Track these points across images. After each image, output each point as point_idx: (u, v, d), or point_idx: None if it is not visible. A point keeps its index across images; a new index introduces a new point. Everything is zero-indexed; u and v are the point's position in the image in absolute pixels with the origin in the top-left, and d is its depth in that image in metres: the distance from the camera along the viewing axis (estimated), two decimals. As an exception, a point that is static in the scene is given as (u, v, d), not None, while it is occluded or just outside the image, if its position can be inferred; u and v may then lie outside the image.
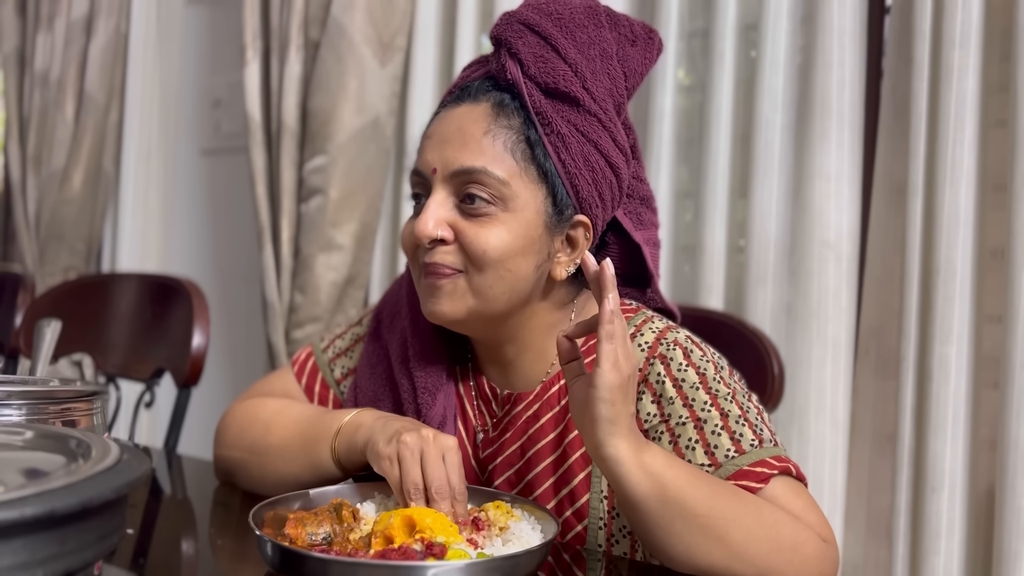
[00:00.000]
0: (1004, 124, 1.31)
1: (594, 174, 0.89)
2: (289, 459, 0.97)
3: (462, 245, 0.88)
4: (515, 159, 0.87)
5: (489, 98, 0.90)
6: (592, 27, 0.91)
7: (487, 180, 0.86)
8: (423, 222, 0.88)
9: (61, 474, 0.54)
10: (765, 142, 1.51)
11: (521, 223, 0.88)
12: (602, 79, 0.90)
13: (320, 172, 1.88)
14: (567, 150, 0.88)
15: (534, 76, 0.88)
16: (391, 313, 1.05)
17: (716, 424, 0.86)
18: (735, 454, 0.84)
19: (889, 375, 1.42)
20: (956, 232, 1.31)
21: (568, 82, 0.88)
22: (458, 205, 0.88)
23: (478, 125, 0.88)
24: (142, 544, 0.87)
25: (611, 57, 0.91)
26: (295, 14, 1.90)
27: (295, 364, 1.11)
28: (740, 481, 0.83)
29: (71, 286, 1.86)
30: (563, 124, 0.88)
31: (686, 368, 0.89)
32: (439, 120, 0.92)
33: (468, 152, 0.87)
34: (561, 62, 0.88)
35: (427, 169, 0.90)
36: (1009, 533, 1.24)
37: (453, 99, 0.93)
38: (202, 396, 1.76)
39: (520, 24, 0.90)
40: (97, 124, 2.37)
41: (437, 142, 0.90)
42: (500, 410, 0.98)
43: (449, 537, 0.74)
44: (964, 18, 1.31)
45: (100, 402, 0.88)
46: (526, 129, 0.88)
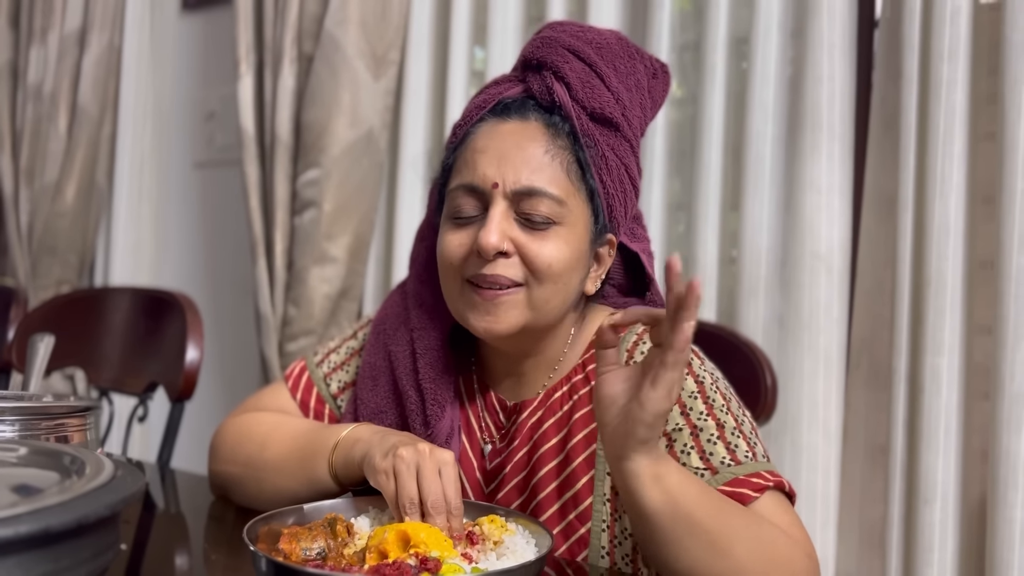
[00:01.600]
0: (993, 137, 1.32)
1: (625, 195, 0.94)
2: (286, 474, 0.97)
3: (524, 258, 0.90)
4: (570, 179, 0.91)
5: (539, 118, 0.92)
6: (627, 58, 0.96)
7: (548, 199, 0.89)
8: (488, 233, 0.88)
9: (55, 491, 0.54)
10: (756, 154, 1.52)
11: (574, 238, 0.91)
12: (636, 109, 0.95)
13: (314, 185, 1.88)
14: (608, 172, 0.92)
15: (581, 100, 0.92)
16: (394, 325, 1.05)
17: (712, 433, 0.87)
18: (731, 463, 0.86)
19: (881, 386, 1.42)
20: (946, 244, 1.32)
21: (611, 108, 0.92)
22: (518, 220, 0.90)
23: (537, 144, 0.90)
24: (136, 560, 0.87)
25: (643, 89, 0.97)
26: (289, 28, 1.91)
27: (288, 379, 1.11)
28: (737, 488, 0.84)
29: (64, 300, 1.86)
30: (606, 147, 0.92)
31: (685, 376, 0.90)
32: (489, 135, 0.92)
33: (532, 170, 0.89)
34: (605, 89, 0.92)
35: (486, 184, 0.90)
36: (1001, 544, 1.24)
37: (495, 114, 0.94)
38: (195, 410, 1.76)
39: (565, 49, 0.93)
40: (90, 137, 2.37)
41: (495, 157, 0.90)
42: (507, 421, 0.99)
43: (444, 552, 0.74)
44: (952, 32, 1.32)
45: (93, 417, 0.88)
46: (575, 150, 0.91)
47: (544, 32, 0.98)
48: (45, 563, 0.49)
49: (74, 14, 2.38)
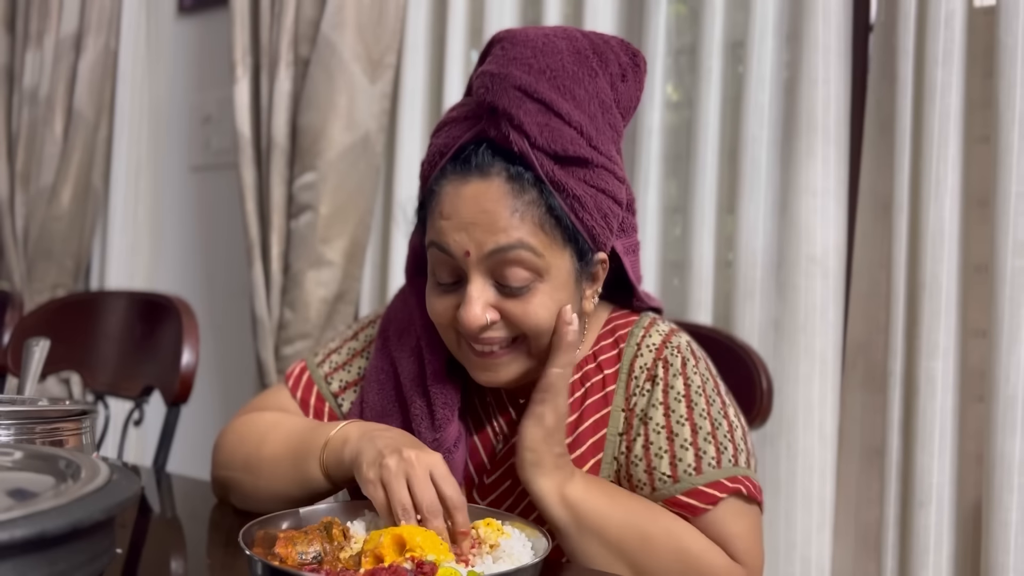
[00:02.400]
0: (987, 140, 1.33)
1: (607, 218, 0.90)
2: (280, 474, 0.97)
3: (511, 323, 0.89)
4: (544, 231, 0.87)
5: (500, 172, 0.87)
6: (587, 78, 0.88)
7: (524, 255, 0.86)
8: (471, 313, 0.87)
9: (51, 495, 0.54)
10: (752, 157, 1.53)
11: (558, 286, 0.89)
12: (605, 131, 0.89)
13: (310, 189, 1.88)
14: (584, 208, 0.88)
15: (542, 147, 0.86)
16: (399, 330, 1.04)
17: (686, 439, 0.91)
18: (692, 472, 0.90)
19: (876, 389, 1.43)
20: (941, 247, 1.33)
21: (576, 146, 0.86)
22: (497, 286, 0.88)
23: (502, 204, 0.86)
24: (131, 564, 0.87)
25: (609, 107, 0.90)
26: (285, 31, 1.91)
27: (289, 379, 1.10)
28: (690, 499, 0.89)
29: (60, 304, 1.85)
30: (576, 186, 0.87)
31: (677, 376, 0.95)
32: (452, 199, 0.88)
33: (500, 231, 0.86)
34: (566, 127, 0.86)
35: (458, 252, 0.88)
36: (996, 546, 1.25)
37: (456, 172, 0.89)
38: (191, 414, 1.76)
39: (517, 91, 0.85)
40: (86, 141, 2.37)
41: (461, 225, 0.87)
42: (518, 416, 0.99)
43: (440, 555, 0.74)
44: (947, 36, 1.33)
45: (89, 421, 0.87)
46: (545, 198, 0.87)
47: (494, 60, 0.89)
48: (41, 567, 0.49)
49: (70, 18, 2.38)
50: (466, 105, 0.93)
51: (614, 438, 0.95)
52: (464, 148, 0.89)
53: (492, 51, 0.90)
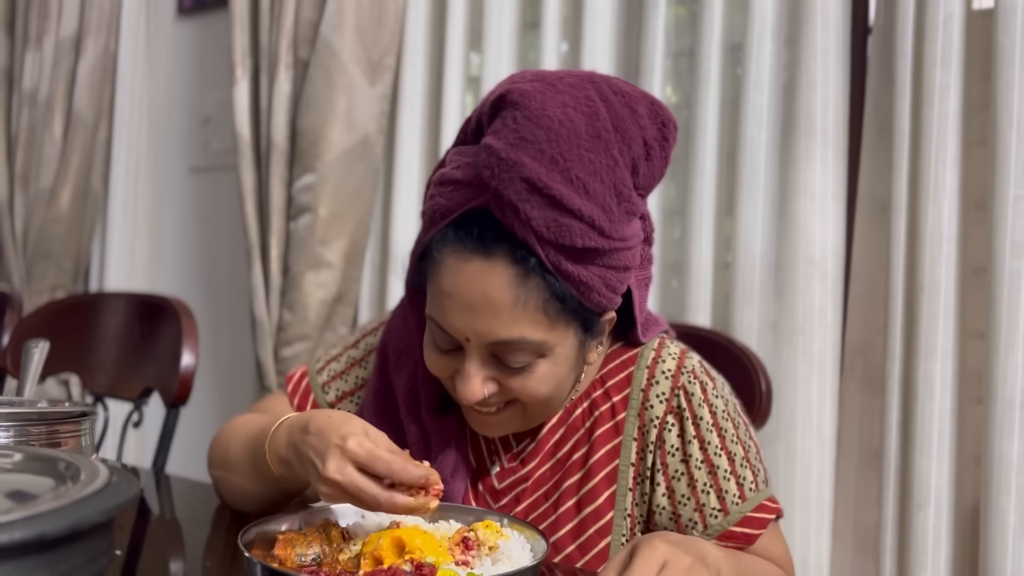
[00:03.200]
0: (985, 143, 1.33)
1: (615, 291, 0.86)
2: (247, 474, 0.97)
3: (509, 392, 0.88)
4: (547, 316, 0.83)
5: (504, 255, 0.82)
6: (604, 166, 0.80)
7: (526, 346, 0.84)
8: (470, 391, 0.86)
9: (50, 497, 0.54)
10: (750, 159, 1.53)
11: (560, 361, 0.87)
12: (620, 219, 0.82)
13: (309, 190, 1.88)
14: (591, 290, 0.84)
15: (550, 240, 0.80)
16: (397, 350, 1.02)
17: (726, 469, 0.92)
18: (739, 500, 0.91)
19: (874, 391, 1.43)
20: (939, 249, 1.33)
21: (587, 239, 0.80)
22: (496, 363, 0.86)
23: (505, 293, 0.82)
24: (130, 566, 0.87)
25: (628, 196, 0.83)
26: (284, 33, 1.91)
27: (289, 382, 1.11)
28: (744, 528, 0.91)
29: (59, 305, 1.86)
30: (584, 272, 0.82)
31: (702, 405, 0.94)
32: (453, 276, 0.84)
33: (502, 324, 0.83)
34: (577, 222, 0.79)
35: (459, 336, 0.85)
36: (994, 549, 1.25)
37: (456, 244, 0.84)
38: (191, 415, 1.76)
39: (524, 182, 0.78)
40: (85, 143, 2.37)
41: (461, 309, 0.84)
42: (517, 443, 0.99)
43: (439, 557, 0.74)
44: (945, 38, 1.33)
45: (88, 423, 0.88)
46: (550, 284, 0.82)
47: (502, 135, 0.80)
48: (40, 569, 0.49)
49: (69, 19, 2.38)
50: (471, 166, 0.84)
51: (627, 468, 0.95)
52: (467, 217, 0.84)
53: (502, 115, 0.82)
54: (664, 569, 0.73)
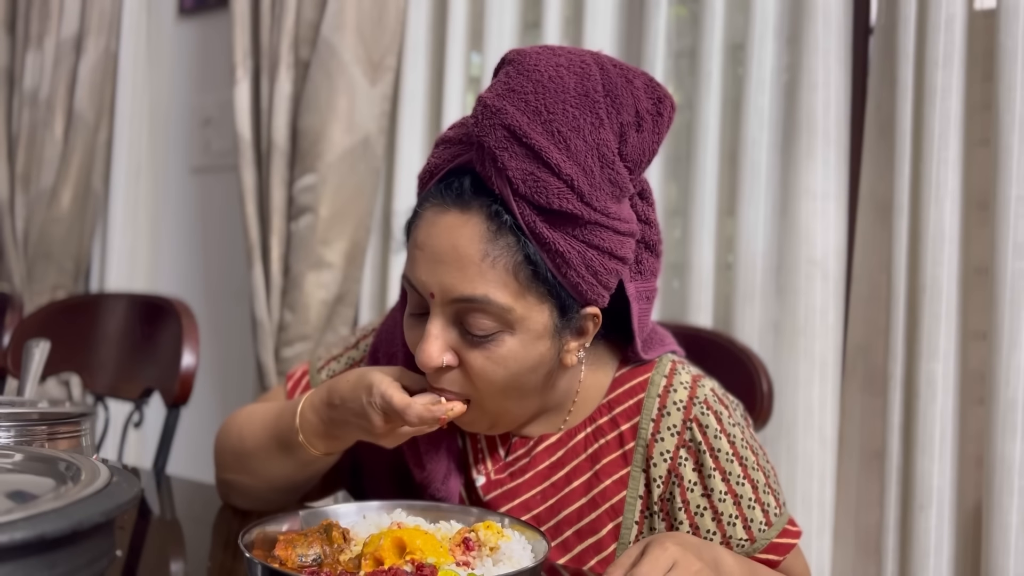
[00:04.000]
0: (987, 143, 1.33)
1: (597, 276, 0.83)
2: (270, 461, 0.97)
3: (467, 373, 0.84)
4: (517, 281, 0.81)
5: (480, 208, 0.81)
6: (589, 127, 0.79)
7: (490, 308, 0.81)
8: (426, 352, 0.82)
9: (51, 497, 0.54)
10: (752, 160, 1.53)
11: (527, 342, 0.83)
12: (602, 186, 0.80)
13: (310, 191, 1.88)
14: (568, 264, 0.81)
15: (525, 195, 0.79)
16: (387, 354, 1.01)
17: (750, 498, 0.89)
18: (765, 527, 0.90)
19: (876, 392, 1.43)
20: (941, 249, 1.33)
21: (563, 200, 0.78)
22: (460, 329, 0.83)
23: (474, 246, 0.80)
24: (131, 566, 0.87)
25: (613, 162, 0.81)
26: (285, 34, 1.91)
27: (289, 380, 1.10)
28: (770, 555, 0.90)
29: (60, 306, 1.85)
30: (561, 240, 0.80)
31: (719, 436, 0.90)
32: (427, 227, 0.84)
33: (467, 279, 0.80)
34: (554, 179, 0.78)
35: (423, 291, 0.83)
36: (996, 550, 1.25)
37: (436, 197, 0.84)
38: (191, 416, 1.76)
39: (505, 130, 0.78)
40: (86, 143, 2.37)
41: (430, 260, 0.82)
42: (507, 454, 0.96)
43: (440, 558, 0.74)
44: (947, 39, 1.33)
45: (89, 423, 0.88)
46: (524, 246, 0.80)
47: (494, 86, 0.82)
48: (41, 569, 0.49)
49: (70, 20, 2.38)
50: (464, 125, 0.87)
51: (634, 500, 0.91)
52: (451, 174, 0.84)
53: (499, 72, 0.84)
54: (673, 570, 0.73)
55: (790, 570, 0.92)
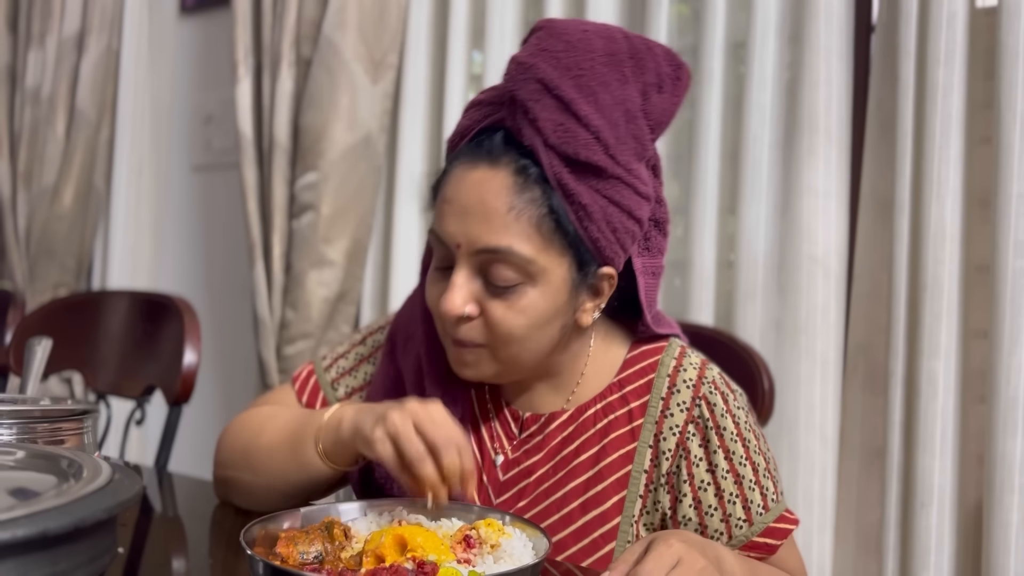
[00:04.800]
0: (989, 140, 1.32)
1: (616, 233, 0.87)
2: (277, 462, 0.97)
3: (487, 323, 0.87)
4: (540, 234, 0.85)
5: (508, 163, 0.85)
6: (616, 83, 0.85)
7: (513, 259, 0.84)
8: (450, 301, 0.86)
9: (52, 494, 0.54)
10: (753, 158, 1.53)
11: (547, 295, 0.87)
12: (626, 141, 0.85)
13: (312, 188, 1.88)
14: (590, 219, 0.85)
15: (555, 146, 0.83)
16: (405, 337, 1.04)
17: (750, 479, 0.91)
18: (762, 511, 0.91)
19: (877, 390, 1.43)
20: (943, 248, 1.33)
21: (590, 151, 0.83)
22: (484, 281, 0.87)
23: (500, 199, 0.84)
24: (133, 563, 0.87)
25: (636, 117, 0.86)
26: (287, 31, 1.91)
27: (296, 381, 1.10)
28: (767, 539, 0.91)
29: (61, 303, 1.86)
30: (585, 193, 0.84)
31: (725, 415, 0.93)
32: (456, 182, 0.87)
33: (492, 230, 0.84)
34: (583, 130, 0.83)
35: (450, 241, 0.87)
36: (997, 548, 1.25)
37: (467, 154, 0.88)
38: (193, 414, 1.76)
39: (537, 83, 0.83)
40: (88, 140, 2.37)
41: (458, 213, 0.86)
42: (521, 432, 0.98)
43: (441, 555, 0.74)
44: (948, 37, 1.33)
45: (91, 421, 0.88)
46: (548, 198, 0.84)
47: (527, 47, 0.87)
48: (42, 566, 0.49)
49: (72, 17, 2.38)
50: (495, 89, 0.91)
51: (639, 474, 0.93)
52: (481, 133, 0.89)
53: (529, 39, 0.89)
54: (677, 567, 0.73)
55: (784, 563, 0.93)
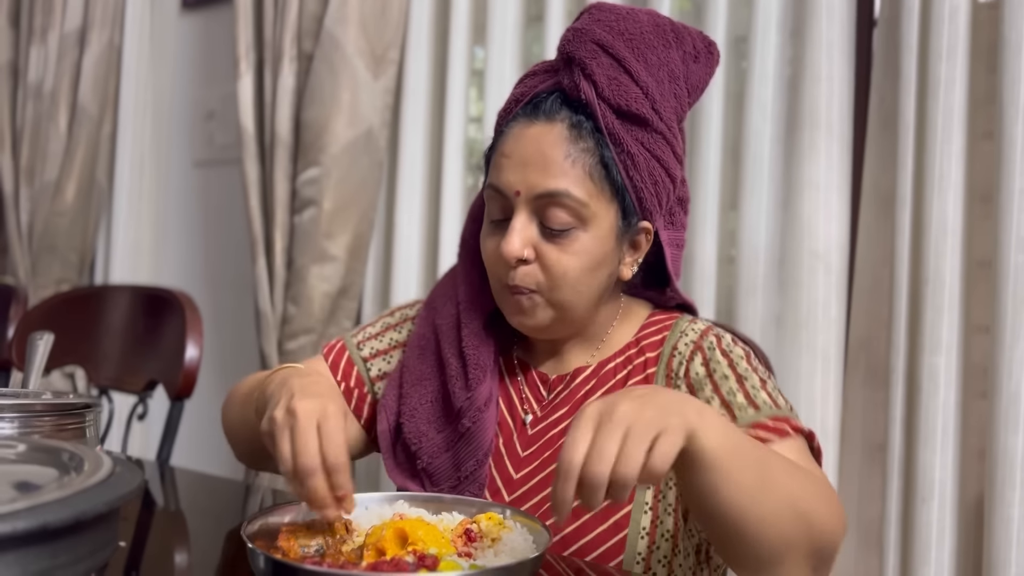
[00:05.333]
0: (991, 135, 1.32)
1: (656, 186, 0.94)
2: (241, 406, 1.04)
3: (543, 266, 0.93)
4: (592, 181, 0.92)
5: (563, 118, 0.93)
6: (661, 47, 0.94)
7: (569, 202, 0.91)
8: (511, 243, 0.92)
9: (53, 487, 0.54)
10: (755, 153, 1.52)
11: (597, 240, 0.93)
12: (669, 99, 0.94)
13: (313, 184, 1.88)
14: (635, 168, 0.92)
15: (608, 98, 0.91)
16: (443, 301, 1.09)
17: (756, 383, 0.93)
18: (771, 406, 0.91)
19: (878, 385, 1.43)
20: (944, 243, 1.33)
21: (639, 104, 0.91)
22: (540, 226, 0.93)
23: (558, 149, 0.91)
24: (134, 557, 0.87)
25: (678, 78, 0.95)
26: (288, 27, 1.91)
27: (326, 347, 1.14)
28: (777, 423, 0.88)
29: (64, 298, 1.86)
30: (633, 144, 0.92)
31: (733, 346, 0.98)
32: (515, 139, 0.94)
33: (551, 176, 0.91)
34: (633, 85, 0.92)
35: (510, 191, 0.93)
36: (998, 543, 1.25)
37: (524, 115, 0.95)
38: (195, 408, 1.76)
39: (594, 44, 0.92)
40: (90, 136, 2.37)
41: (518, 164, 0.93)
42: (549, 394, 1.03)
43: (441, 549, 0.74)
44: (951, 31, 1.32)
45: (92, 415, 0.88)
46: (600, 149, 0.92)
47: (580, 20, 0.97)
48: (43, 559, 0.49)
49: (74, 13, 2.38)
50: (548, 62, 1.00)
51: None
52: (537, 96, 0.95)
53: (582, 16, 0.98)
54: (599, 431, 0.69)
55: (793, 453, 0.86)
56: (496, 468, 1.00)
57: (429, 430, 1.02)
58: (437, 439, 1.01)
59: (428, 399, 1.03)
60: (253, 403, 0.96)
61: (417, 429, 1.02)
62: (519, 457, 1.00)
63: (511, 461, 1.00)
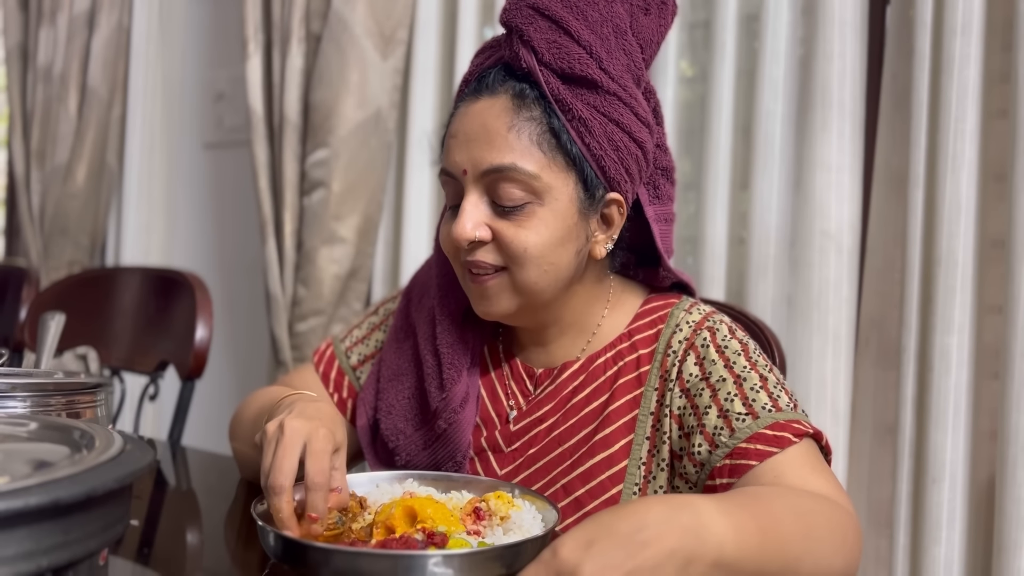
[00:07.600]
0: (1005, 114, 1.31)
1: (619, 152, 0.89)
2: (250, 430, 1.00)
3: (500, 245, 0.89)
4: (542, 151, 0.87)
5: (507, 89, 0.89)
6: (603, 3, 0.89)
7: (517, 176, 0.87)
8: (460, 225, 0.88)
9: (65, 464, 0.54)
10: (766, 133, 1.51)
11: (556, 214, 0.88)
12: (618, 56, 0.89)
13: (322, 165, 1.88)
14: (590, 134, 0.88)
15: (549, 63, 0.87)
16: (420, 292, 1.07)
17: (755, 384, 0.88)
18: (772, 408, 0.86)
19: (890, 366, 1.42)
20: (957, 223, 1.31)
21: (584, 65, 0.87)
22: (492, 204, 0.89)
23: (501, 120, 0.88)
24: (147, 535, 0.88)
25: (625, 32, 0.90)
26: (296, 7, 1.90)
27: (316, 354, 1.14)
28: (777, 432, 0.84)
29: (75, 280, 1.87)
30: (583, 108, 0.87)
31: (730, 339, 0.93)
32: (461, 117, 0.91)
33: (495, 150, 0.87)
34: (575, 45, 0.87)
35: (456, 170, 0.90)
36: (1010, 523, 1.24)
37: (470, 92, 0.92)
38: (206, 389, 1.77)
39: (530, 8, 0.89)
40: (100, 118, 2.37)
41: (462, 142, 0.90)
42: (535, 388, 1.00)
43: (450, 527, 0.75)
44: (965, 8, 1.31)
45: (104, 394, 0.88)
46: (548, 118, 0.88)
47: None
48: (55, 535, 0.50)
49: (83, -5, 2.38)
50: (498, 36, 0.96)
51: (645, 418, 0.93)
52: (484, 72, 0.93)
53: None
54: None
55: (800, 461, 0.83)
56: (480, 463, 0.99)
57: (407, 427, 1.01)
58: (415, 437, 1.00)
59: (405, 395, 1.02)
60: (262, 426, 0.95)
61: (395, 426, 1.01)
62: (503, 453, 0.99)
63: (495, 456, 0.99)
